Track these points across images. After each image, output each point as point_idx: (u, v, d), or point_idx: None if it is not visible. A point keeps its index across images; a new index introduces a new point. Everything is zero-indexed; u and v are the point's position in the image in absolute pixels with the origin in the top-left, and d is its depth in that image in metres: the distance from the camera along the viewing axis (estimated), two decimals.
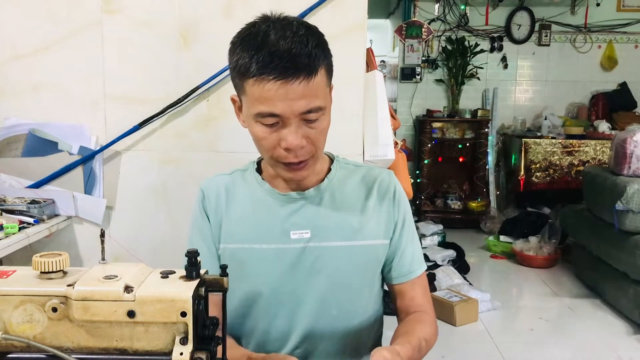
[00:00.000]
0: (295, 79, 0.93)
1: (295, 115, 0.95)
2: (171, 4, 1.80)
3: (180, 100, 1.81)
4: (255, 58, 0.94)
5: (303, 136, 0.97)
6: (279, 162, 1.01)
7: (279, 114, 0.95)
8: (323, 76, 0.99)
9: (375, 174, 1.15)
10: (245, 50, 0.97)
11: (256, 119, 0.98)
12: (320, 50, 0.97)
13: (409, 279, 1.14)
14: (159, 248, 1.86)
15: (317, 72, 0.96)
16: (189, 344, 0.63)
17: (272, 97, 0.94)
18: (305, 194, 1.09)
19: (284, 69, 0.92)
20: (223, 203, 1.13)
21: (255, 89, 0.95)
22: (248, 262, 1.08)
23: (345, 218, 1.09)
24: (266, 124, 0.97)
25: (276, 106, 0.94)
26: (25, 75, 1.84)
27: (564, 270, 3.99)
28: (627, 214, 3.02)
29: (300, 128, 0.97)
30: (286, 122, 0.96)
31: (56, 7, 1.81)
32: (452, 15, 5.18)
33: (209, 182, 1.17)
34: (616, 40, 5.16)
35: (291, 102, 0.94)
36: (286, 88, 0.93)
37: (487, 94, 5.28)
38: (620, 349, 2.79)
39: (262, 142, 1.00)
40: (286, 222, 1.09)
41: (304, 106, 0.95)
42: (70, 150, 1.86)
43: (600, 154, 4.53)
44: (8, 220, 1.63)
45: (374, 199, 1.12)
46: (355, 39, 1.78)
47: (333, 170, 1.13)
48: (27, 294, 0.64)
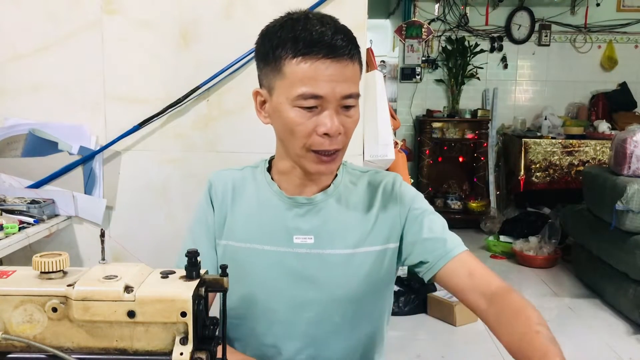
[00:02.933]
0: (342, 59, 0.94)
1: (337, 98, 0.95)
2: (171, 4, 1.81)
3: (180, 100, 1.81)
4: (302, 36, 0.94)
5: (340, 123, 0.97)
6: (310, 152, 0.99)
7: (322, 95, 0.94)
8: (359, 69, 1.00)
9: (379, 178, 1.13)
10: (289, 31, 0.96)
11: (295, 102, 0.96)
12: (357, 44, 0.99)
13: (449, 259, 1.03)
14: (159, 248, 1.86)
15: (357, 60, 0.98)
16: (189, 344, 0.63)
17: (317, 76, 0.93)
18: (312, 198, 1.07)
19: (333, 47, 0.93)
20: (229, 198, 1.11)
21: (299, 68, 0.94)
22: (248, 262, 1.07)
23: (350, 225, 1.07)
24: (306, 106, 0.95)
25: (320, 87, 0.94)
26: (25, 75, 1.84)
27: (564, 270, 3.99)
28: (627, 214, 3.02)
29: (338, 115, 0.97)
30: (325, 106, 0.95)
31: (56, 7, 1.81)
32: (452, 15, 5.18)
33: (218, 175, 1.14)
34: (616, 40, 5.15)
35: (335, 84, 0.94)
36: (333, 67, 0.93)
37: (487, 94, 5.28)
38: (620, 349, 2.79)
39: (298, 129, 0.97)
40: (290, 225, 1.06)
41: (346, 89, 0.95)
42: (70, 150, 1.86)
43: (600, 154, 4.53)
44: (8, 220, 1.63)
45: (378, 205, 1.09)
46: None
47: (339, 175, 1.11)
48: (27, 294, 0.64)
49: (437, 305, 3.15)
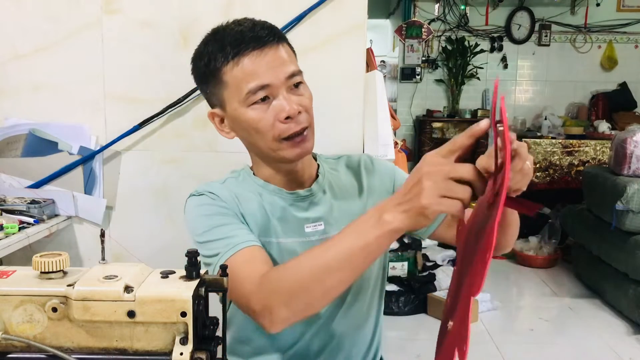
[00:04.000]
0: (270, 46, 0.99)
1: (282, 81, 0.99)
2: (171, 4, 1.81)
3: (180, 100, 1.81)
4: (227, 41, 0.99)
5: (296, 103, 1.00)
6: (282, 142, 1.01)
7: (268, 83, 0.98)
8: (290, 49, 1.04)
9: (355, 159, 1.20)
10: (213, 44, 1.02)
11: (247, 101, 0.99)
12: (279, 30, 1.04)
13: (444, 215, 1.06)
14: (159, 248, 1.86)
15: (285, 42, 1.03)
16: (189, 344, 0.63)
17: (255, 69, 0.98)
18: (310, 189, 1.11)
19: (257, 38, 0.98)
20: (237, 204, 1.08)
21: (237, 69, 0.99)
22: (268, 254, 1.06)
23: (351, 204, 1.13)
24: (259, 100, 0.99)
25: (262, 77, 0.98)
26: (25, 75, 1.84)
27: (564, 270, 3.99)
28: (627, 214, 3.02)
29: (290, 96, 1.01)
30: (276, 92, 1.00)
31: (56, 7, 1.81)
32: (452, 15, 5.18)
33: (213, 187, 1.09)
34: (616, 40, 5.16)
35: (274, 69, 0.99)
36: (265, 55, 0.98)
37: (487, 94, 5.28)
38: (620, 349, 2.79)
39: (260, 124, 1.00)
40: (299, 216, 1.09)
41: (286, 70, 1.00)
42: (70, 150, 1.86)
43: (600, 154, 4.52)
44: (8, 220, 1.63)
45: (365, 182, 1.16)
46: (355, 39, 1.78)
47: (321, 166, 1.16)
48: (27, 294, 0.64)
49: (437, 305, 3.15)
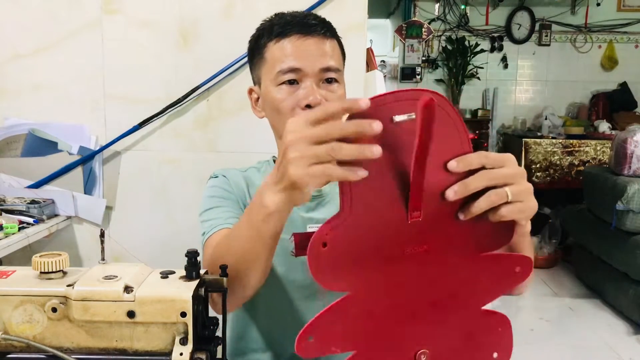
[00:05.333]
0: (313, 36, 0.99)
1: (315, 71, 0.99)
2: (171, 4, 1.81)
3: (180, 100, 1.81)
4: (277, 22, 1.02)
5: (322, 96, 0.99)
6: None
7: (299, 67, 0.98)
8: (337, 48, 1.04)
9: None
10: (267, 23, 1.04)
11: (277, 80, 1.00)
12: (333, 28, 1.04)
13: None
14: (159, 248, 1.86)
15: (333, 38, 1.03)
16: (189, 344, 0.63)
17: (294, 52, 0.98)
18: (321, 190, 1.09)
19: (303, 25, 1.00)
20: (245, 193, 1.09)
21: (276, 48, 1.00)
22: None
23: None
24: (286, 81, 0.99)
25: (297, 60, 0.98)
26: (25, 75, 1.84)
27: (564, 270, 3.99)
28: (627, 214, 3.02)
29: (319, 88, 0.99)
30: (305, 80, 0.99)
31: (56, 7, 1.81)
32: (452, 15, 5.18)
33: (228, 172, 1.12)
34: (616, 40, 5.15)
35: (312, 57, 0.99)
36: (308, 43, 0.99)
37: (488, 93, 5.28)
38: (620, 349, 2.79)
39: (282, 105, 0.99)
40: (303, 217, 1.07)
41: (323, 62, 0.99)
42: (70, 150, 1.86)
43: (600, 154, 4.52)
44: (8, 220, 1.63)
45: None
46: (355, 39, 1.78)
47: None
48: (27, 294, 0.64)
49: None
